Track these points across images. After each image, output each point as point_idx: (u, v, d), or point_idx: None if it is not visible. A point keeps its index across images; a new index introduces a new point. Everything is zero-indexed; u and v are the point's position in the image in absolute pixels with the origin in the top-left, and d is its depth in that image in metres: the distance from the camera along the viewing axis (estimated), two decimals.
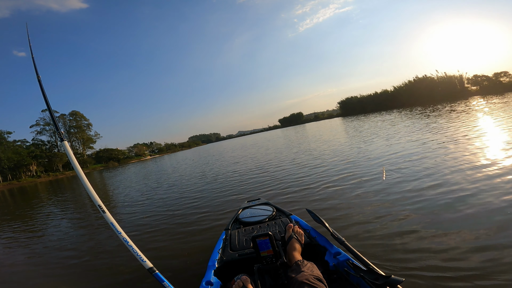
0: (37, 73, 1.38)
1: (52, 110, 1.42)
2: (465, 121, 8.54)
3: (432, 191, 2.98)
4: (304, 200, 3.62)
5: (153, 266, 1.14)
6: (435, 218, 2.33)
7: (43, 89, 1.37)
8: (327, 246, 1.50)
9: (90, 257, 3.11)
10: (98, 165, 55.00)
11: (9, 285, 2.79)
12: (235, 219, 2.20)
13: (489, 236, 1.90)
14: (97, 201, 1.19)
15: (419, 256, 1.80)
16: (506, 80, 32.62)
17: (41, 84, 1.38)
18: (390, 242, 2.07)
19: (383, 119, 17.62)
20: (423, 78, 39.30)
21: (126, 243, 1.14)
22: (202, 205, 4.49)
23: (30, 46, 1.48)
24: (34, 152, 45.84)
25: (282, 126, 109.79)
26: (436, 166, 3.92)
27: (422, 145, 5.74)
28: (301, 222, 1.89)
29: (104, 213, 1.18)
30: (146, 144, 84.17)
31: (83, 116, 58.90)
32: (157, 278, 1.10)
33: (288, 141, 16.47)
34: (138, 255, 1.14)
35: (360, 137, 9.99)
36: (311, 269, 1.21)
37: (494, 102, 15.30)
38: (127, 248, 1.14)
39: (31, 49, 1.47)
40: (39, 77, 1.37)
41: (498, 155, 3.89)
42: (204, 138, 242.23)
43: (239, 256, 1.58)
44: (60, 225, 5.19)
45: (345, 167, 5.19)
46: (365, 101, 48.32)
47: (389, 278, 1.03)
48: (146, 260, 1.14)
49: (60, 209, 7.52)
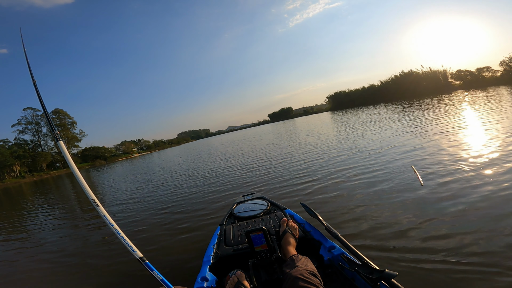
0: (32, 78, 1.46)
1: (36, 109, 1.44)
2: (449, 113, 8.80)
3: (441, 187, 3.05)
4: (298, 194, 3.63)
5: (143, 255, 1.19)
6: (440, 212, 2.36)
7: (39, 93, 1.46)
8: (321, 240, 1.51)
9: (81, 254, 3.09)
10: (85, 164, 53.59)
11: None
12: (230, 214, 2.19)
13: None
14: (91, 196, 1.27)
15: (417, 251, 1.80)
16: (488, 75, 33.68)
17: (37, 89, 1.47)
18: (385, 235, 2.08)
19: (370, 113, 17.90)
20: (408, 73, 40.06)
21: (118, 234, 1.20)
22: (196, 200, 4.46)
23: (25, 51, 1.58)
24: (17, 152, 44.17)
25: (271, 121, 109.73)
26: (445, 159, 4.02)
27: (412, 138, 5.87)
28: (295, 216, 1.89)
29: (98, 206, 1.25)
30: (133, 141, 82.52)
31: (66, 114, 56.93)
32: (147, 267, 1.15)
33: (278, 135, 16.50)
34: (129, 246, 1.19)
35: (351, 130, 10.11)
36: (305, 263, 1.21)
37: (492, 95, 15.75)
38: (119, 239, 1.20)
39: (26, 55, 1.56)
40: (35, 82, 1.46)
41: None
42: (193, 134, 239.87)
43: (234, 252, 1.57)
44: (49, 223, 5.04)
45: (340, 160, 5.23)
46: (353, 96, 48.94)
47: (383, 272, 1.05)
48: (136, 250, 1.19)
49: (51, 208, 7.30)
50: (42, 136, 54.54)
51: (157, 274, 1.13)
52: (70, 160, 1.35)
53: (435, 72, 37.48)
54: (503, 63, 31.53)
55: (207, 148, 21.25)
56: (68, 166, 1.36)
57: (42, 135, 54.46)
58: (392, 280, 1.02)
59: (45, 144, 54.60)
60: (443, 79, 36.71)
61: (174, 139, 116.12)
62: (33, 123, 53.27)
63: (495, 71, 33.06)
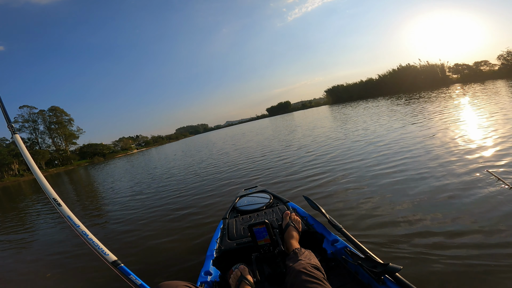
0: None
1: (30, 107, 1.36)
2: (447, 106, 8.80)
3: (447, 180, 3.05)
4: (301, 187, 3.61)
5: (117, 259, 1.05)
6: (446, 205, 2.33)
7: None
8: (324, 234, 1.50)
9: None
10: (83, 161, 53.47)
11: None
12: (233, 208, 2.19)
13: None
14: (51, 194, 1.13)
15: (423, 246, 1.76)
16: (486, 68, 33.64)
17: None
18: (390, 229, 2.05)
19: (367, 106, 17.85)
20: (406, 67, 40.01)
21: (85, 237, 1.06)
22: (199, 195, 4.45)
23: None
24: (15, 150, 43.87)
25: (270, 115, 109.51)
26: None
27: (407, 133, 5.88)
28: (298, 209, 1.88)
29: (60, 206, 1.11)
30: (132, 137, 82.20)
31: (63, 111, 56.55)
32: (122, 271, 1.01)
33: (277, 129, 16.45)
34: (100, 249, 1.05)
35: (351, 123, 10.09)
36: (308, 257, 1.20)
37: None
38: (87, 242, 1.06)
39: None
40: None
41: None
42: (191, 129, 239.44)
43: (237, 245, 1.56)
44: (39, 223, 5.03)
45: (340, 153, 5.21)
46: (352, 89, 48.93)
47: (387, 266, 1.03)
48: (109, 253, 1.05)
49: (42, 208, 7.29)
50: (40, 134, 54.34)
51: (135, 278, 1.01)
52: (26, 154, 1.23)
53: (432, 66, 37.45)
54: (501, 57, 31.49)
55: (206, 143, 21.17)
56: (27, 162, 1.22)
57: (39, 133, 54.28)
58: (397, 274, 1.01)
59: (43, 141, 54.55)
60: (441, 73, 36.68)
61: (173, 134, 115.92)
62: (29, 121, 53.01)
63: (493, 65, 33.05)
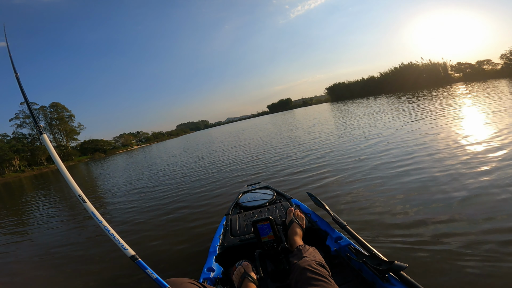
0: (15, 71, 1.33)
1: (31, 103, 1.36)
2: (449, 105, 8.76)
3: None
4: (304, 183, 3.60)
5: (135, 254, 1.10)
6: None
7: (21, 87, 1.32)
8: (328, 231, 1.49)
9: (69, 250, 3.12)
10: (84, 157, 53.52)
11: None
12: (236, 204, 2.18)
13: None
14: (77, 191, 1.16)
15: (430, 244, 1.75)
16: (489, 68, 33.42)
17: (19, 82, 1.33)
18: (393, 226, 2.04)
19: (369, 103, 17.77)
20: (408, 65, 39.77)
21: (107, 232, 1.11)
22: (201, 191, 4.45)
23: (8, 46, 1.46)
24: (16, 146, 43.98)
25: (270, 112, 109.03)
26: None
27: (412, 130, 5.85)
28: (301, 205, 1.87)
29: (85, 202, 1.15)
30: (132, 133, 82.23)
31: (64, 107, 56.66)
32: (140, 266, 1.06)
33: (278, 126, 16.42)
34: (120, 243, 1.10)
35: (353, 120, 10.05)
36: (313, 254, 1.20)
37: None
38: (110, 236, 1.10)
39: (8, 48, 1.45)
40: (17, 75, 1.34)
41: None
42: (192, 125, 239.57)
43: (240, 242, 1.56)
44: (43, 219, 5.04)
45: (343, 149, 5.20)
46: (353, 87, 48.63)
47: (392, 264, 1.02)
48: (128, 248, 1.10)
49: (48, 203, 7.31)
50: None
51: (151, 272, 1.06)
52: (54, 154, 1.24)
53: (435, 65, 37.22)
54: (504, 56, 31.27)
55: (208, 139, 21.19)
56: (53, 161, 1.22)
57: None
58: (401, 272, 1.00)
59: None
60: (443, 71, 36.46)
61: (173, 130, 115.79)
62: (30, 117, 52.88)
63: (496, 64, 32.84)
